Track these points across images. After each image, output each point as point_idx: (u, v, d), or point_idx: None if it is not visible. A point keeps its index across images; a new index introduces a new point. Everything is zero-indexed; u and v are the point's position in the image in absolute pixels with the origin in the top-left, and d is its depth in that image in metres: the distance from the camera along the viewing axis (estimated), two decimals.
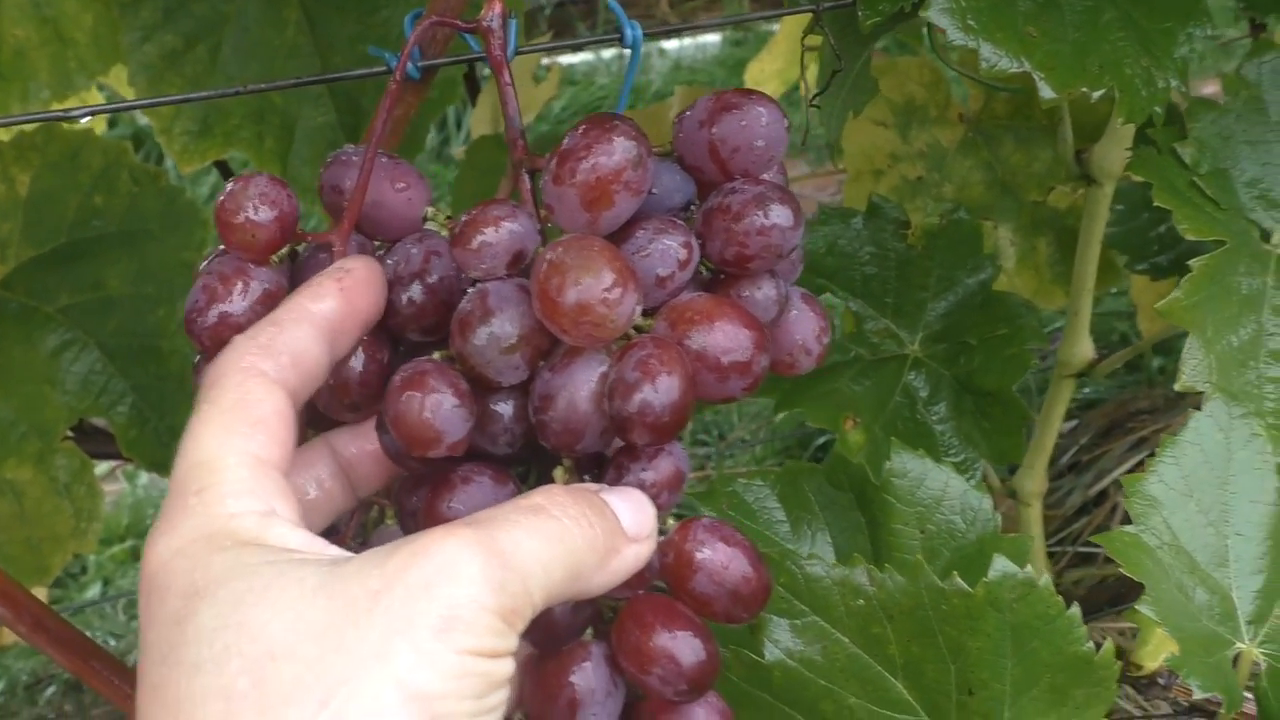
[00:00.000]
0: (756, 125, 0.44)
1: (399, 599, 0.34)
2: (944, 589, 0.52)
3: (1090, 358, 0.81)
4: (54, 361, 0.90)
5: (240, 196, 0.45)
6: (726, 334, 0.41)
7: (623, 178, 0.41)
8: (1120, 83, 0.57)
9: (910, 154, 1.07)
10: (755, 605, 0.43)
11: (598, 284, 0.39)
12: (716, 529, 0.44)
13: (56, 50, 0.89)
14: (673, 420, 0.40)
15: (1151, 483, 0.58)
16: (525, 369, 0.42)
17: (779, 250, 0.43)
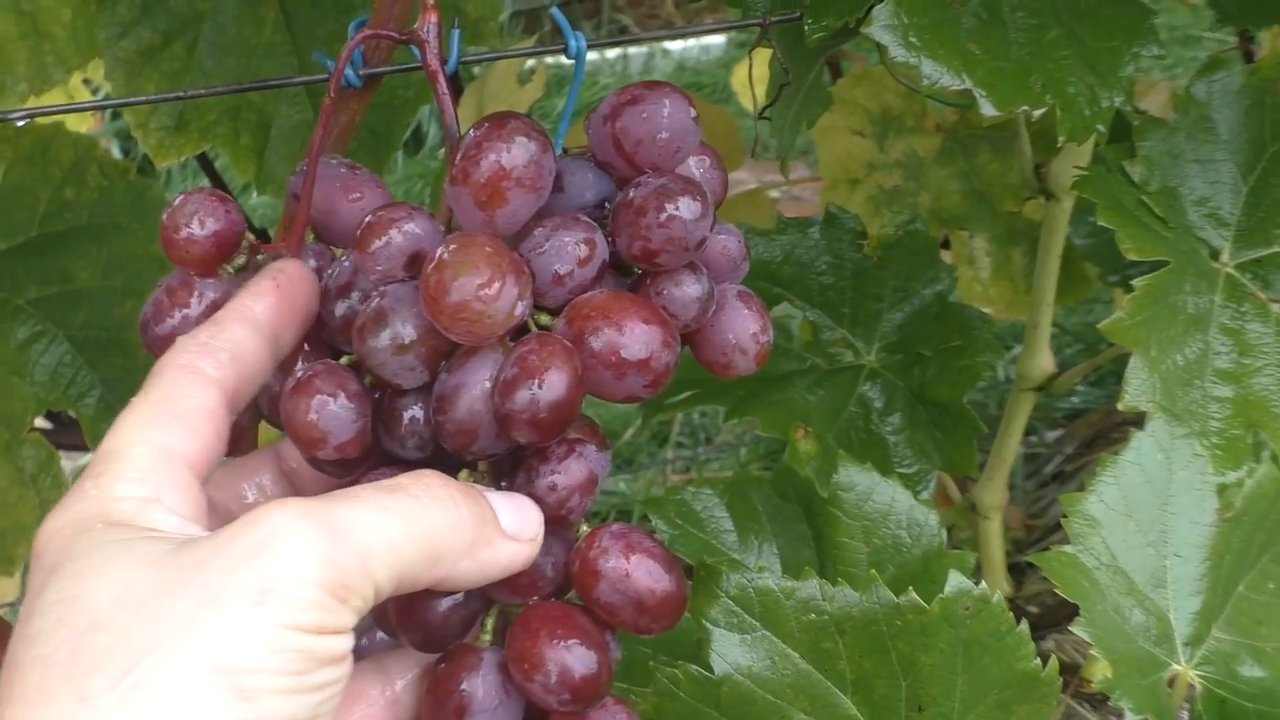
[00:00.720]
0: (658, 117, 0.43)
1: (218, 569, 0.34)
2: (899, 604, 0.52)
3: (1050, 371, 0.81)
4: (23, 353, 0.91)
5: (179, 213, 0.47)
6: (625, 330, 0.41)
7: (514, 175, 0.40)
8: (1062, 101, 0.57)
9: (887, 163, 1.07)
10: (664, 616, 0.43)
11: (473, 280, 0.39)
12: (623, 536, 0.43)
13: (34, 44, 0.90)
14: (553, 417, 0.39)
15: (1091, 502, 0.58)
16: (422, 369, 0.42)
17: (684, 243, 0.42)
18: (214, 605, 0.33)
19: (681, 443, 1.85)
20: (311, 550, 0.34)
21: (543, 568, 0.43)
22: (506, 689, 0.42)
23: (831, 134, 1.07)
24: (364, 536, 0.36)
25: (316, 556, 0.34)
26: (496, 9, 0.94)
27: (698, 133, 0.45)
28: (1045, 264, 0.79)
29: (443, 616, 0.41)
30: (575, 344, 0.41)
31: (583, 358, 0.41)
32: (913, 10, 0.57)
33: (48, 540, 0.37)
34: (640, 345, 0.41)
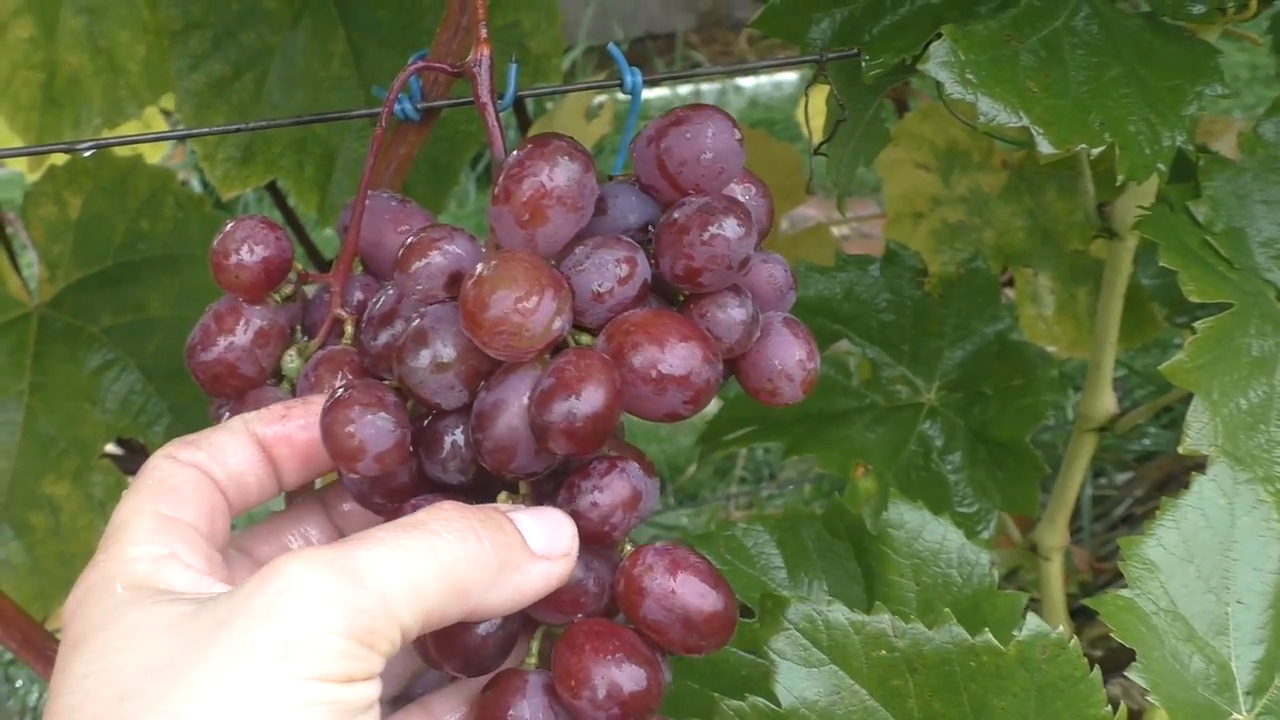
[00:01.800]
0: (703, 137, 0.44)
1: (239, 627, 0.34)
2: (974, 644, 0.50)
3: (1112, 411, 0.80)
4: (95, 380, 0.93)
5: (229, 239, 0.48)
6: (665, 345, 0.41)
7: (555, 194, 0.41)
8: (1122, 139, 0.57)
9: (951, 198, 1.06)
10: (713, 633, 0.42)
11: (512, 294, 0.39)
12: (667, 553, 0.42)
13: (109, 79, 0.92)
14: (590, 428, 0.39)
15: (1150, 546, 0.57)
16: (462, 389, 0.42)
17: (727, 261, 0.42)
18: (240, 664, 0.33)
19: (744, 478, 1.84)
20: (331, 599, 0.34)
21: (585, 584, 0.42)
22: (554, 709, 0.42)
23: (897, 169, 1.06)
24: (385, 579, 0.35)
25: (338, 605, 0.34)
26: (559, 47, 0.95)
27: (741, 155, 0.45)
28: (1108, 303, 0.78)
29: (480, 641, 0.41)
30: (615, 360, 0.41)
31: (622, 374, 0.41)
32: (970, 47, 0.57)
33: (71, 614, 0.37)
34: (680, 361, 0.41)
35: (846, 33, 0.63)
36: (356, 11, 0.92)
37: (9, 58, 0.88)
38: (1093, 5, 0.60)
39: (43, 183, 0.93)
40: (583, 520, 0.42)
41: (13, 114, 0.90)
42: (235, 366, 0.47)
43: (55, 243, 0.94)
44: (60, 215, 0.94)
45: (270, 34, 0.91)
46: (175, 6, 0.88)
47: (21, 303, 0.93)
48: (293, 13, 0.92)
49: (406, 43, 0.93)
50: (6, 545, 0.88)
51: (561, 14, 0.95)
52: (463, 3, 0.56)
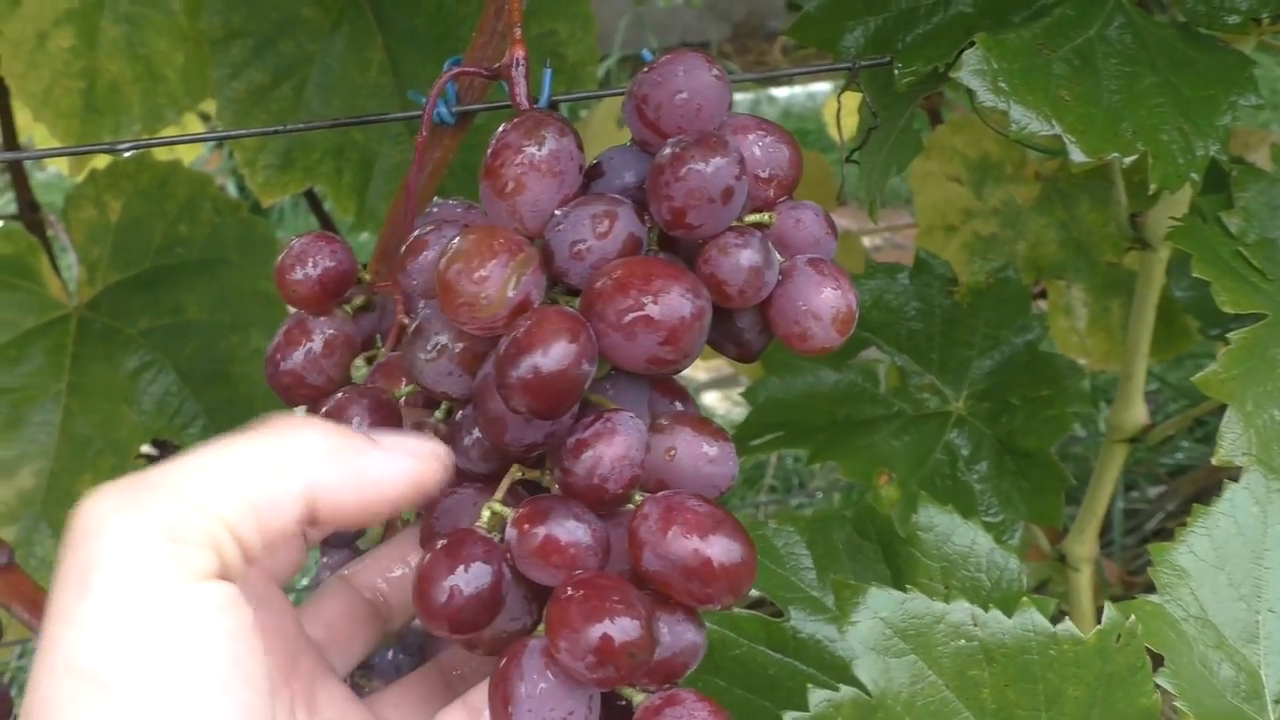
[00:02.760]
0: (673, 78, 0.42)
1: (57, 584, 0.34)
2: (1055, 633, 0.49)
3: (1143, 422, 0.80)
4: (132, 382, 0.94)
5: (290, 255, 0.49)
6: (628, 288, 0.39)
7: (531, 162, 0.40)
8: (1155, 148, 0.57)
9: (984, 210, 1.06)
10: (716, 581, 0.39)
11: (463, 266, 0.39)
12: (663, 500, 0.40)
13: (148, 86, 0.93)
14: (545, 383, 0.38)
15: (1180, 553, 0.57)
16: (461, 374, 0.42)
17: (706, 193, 0.40)
18: (64, 618, 0.33)
19: (774, 486, 1.84)
20: (126, 519, 0.34)
21: (576, 540, 0.39)
22: (550, 670, 0.39)
23: (929, 180, 1.07)
24: (178, 481, 0.35)
25: (137, 520, 0.34)
26: (594, 55, 0.96)
27: (722, 90, 0.43)
28: (1140, 315, 0.78)
29: (459, 600, 0.39)
30: (586, 314, 0.40)
31: (595, 326, 0.39)
32: (1002, 56, 0.57)
33: None
34: (650, 300, 0.39)
35: (880, 41, 0.63)
36: (393, 19, 0.93)
37: (50, 67, 0.89)
38: (1126, 15, 0.60)
39: (84, 186, 0.94)
40: (572, 480, 0.40)
41: (54, 121, 0.91)
42: (303, 377, 0.49)
43: (95, 245, 0.95)
44: (100, 218, 0.95)
45: (309, 42, 0.92)
46: (216, 15, 0.89)
47: (61, 304, 0.94)
48: (331, 21, 0.93)
49: (443, 50, 0.94)
50: (44, 543, 0.89)
51: (597, 23, 0.96)
52: (498, 8, 0.56)
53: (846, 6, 0.65)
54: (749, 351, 0.46)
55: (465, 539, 0.40)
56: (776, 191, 0.45)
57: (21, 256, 0.94)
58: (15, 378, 0.91)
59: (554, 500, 0.41)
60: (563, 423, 0.41)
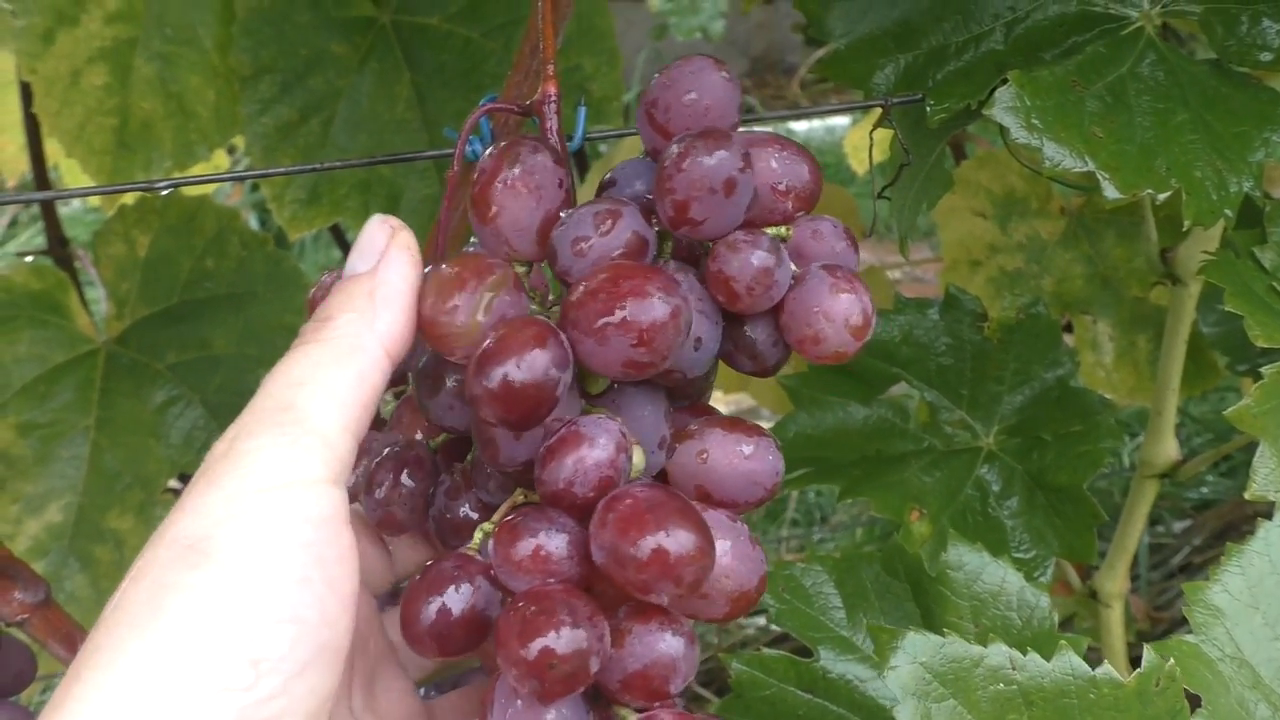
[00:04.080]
0: (683, 80, 0.43)
1: (184, 493, 0.38)
2: (1094, 676, 0.49)
3: (1174, 458, 0.79)
4: (160, 416, 0.94)
5: (324, 291, 0.49)
6: (600, 291, 0.38)
7: (506, 182, 0.41)
8: (1188, 185, 0.57)
9: (1009, 245, 1.06)
10: (650, 569, 0.37)
11: (434, 298, 0.40)
12: (615, 494, 0.39)
13: (180, 123, 0.94)
14: (514, 393, 0.37)
15: (1215, 592, 0.56)
16: (460, 407, 0.43)
17: (707, 184, 0.40)
18: (180, 507, 0.37)
19: (796, 520, 1.84)
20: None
21: (547, 546, 0.39)
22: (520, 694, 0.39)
23: (954, 215, 1.07)
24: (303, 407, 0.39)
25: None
26: (619, 90, 0.96)
27: (731, 92, 0.43)
28: (1170, 349, 0.77)
29: (447, 621, 0.41)
30: (564, 322, 0.39)
31: (570, 334, 0.39)
32: (1035, 93, 0.57)
33: None
34: (623, 301, 0.38)
35: (910, 78, 0.64)
36: (421, 56, 0.94)
37: (84, 104, 0.90)
38: (1158, 52, 0.60)
39: (113, 221, 0.95)
40: (546, 490, 0.40)
41: (86, 158, 0.92)
42: None
43: (123, 280, 0.96)
44: (129, 253, 0.95)
45: (337, 78, 0.93)
46: (246, 52, 0.90)
47: (89, 339, 0.95)
48: (359, 58, 0.93)
49: (470, 86, 0.94)
50: (73, 578, 0.89)
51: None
52: (533, 47, 0.56)
53: (877, 44, 0.65)
54: (764, 365, 0.45)
55: (443, 561, 0.41)
56: (795, 205, 0.44)
57: (51, 293, 0.94)
58: (44, 413, 0.91)
59: (532, 511, 0.40)
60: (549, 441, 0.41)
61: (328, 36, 0.93)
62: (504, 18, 0.94)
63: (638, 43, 3.21)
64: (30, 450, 0.90)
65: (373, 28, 0.94)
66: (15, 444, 0.90)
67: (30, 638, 0.53)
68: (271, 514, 0.36)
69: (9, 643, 0.55)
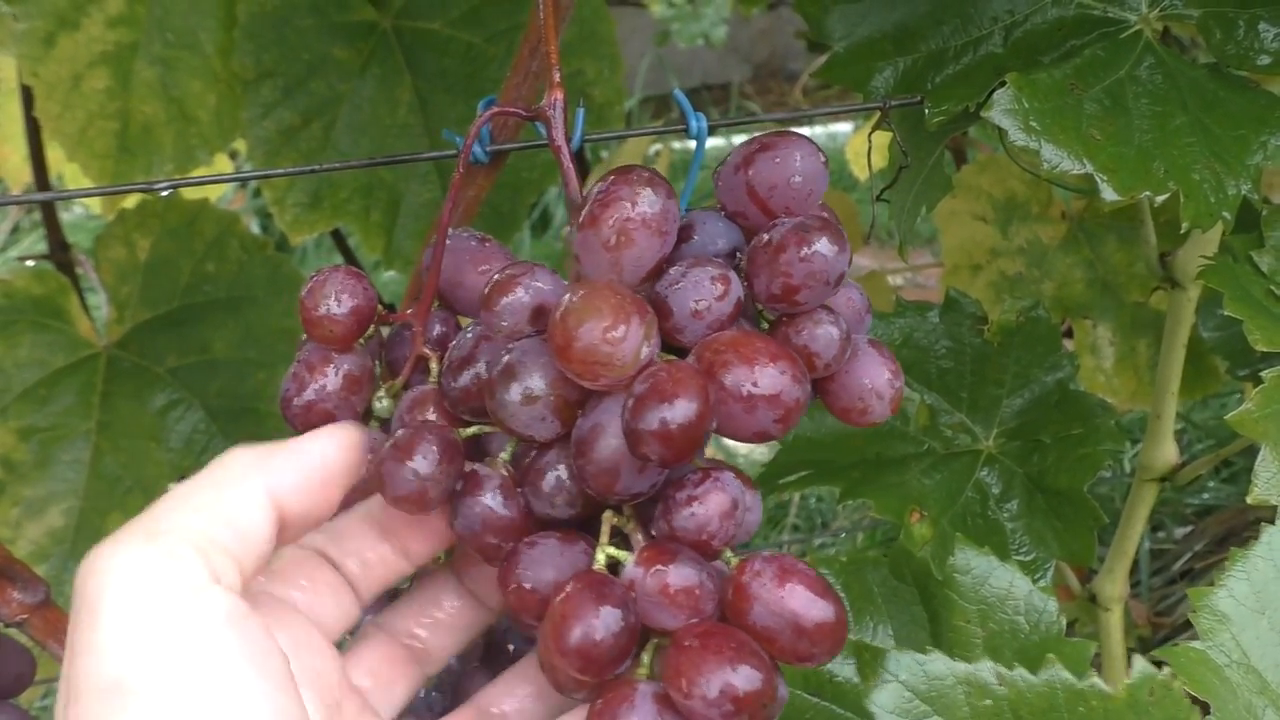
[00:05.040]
0: (791, 162, 0.44)
1: (71, 626, 0.38)
2: (1082, 688, 0.50)
3: (1173, 462, 0.79)
4: (160, 420, 0.94)
5: (319, 292, 0.48)
6: (755, 364, 0.41)
7: (641, 217, 0.41)
8: (1186, 187, 0.57)
9: (1010, 250, 1.06)
10: (823, 639, 0.41)
11: (599, 324, 0.39)
12: (775, 560, 0.42)
13: (181, 127, 0.94)
14: (682, 434, 0.39)
15: (1220, 598, 0.56)
16: (552, 419, 0.42)
17: (824, 277, 0.43)
18: (83, 649, 0.36)
19: (797, 526, 1.84)
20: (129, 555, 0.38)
21: (701, 582, 0.41)
22: (663, 716, 0.41)
23: (955, 219, 1.07)
24: (160, 517, 0.39)
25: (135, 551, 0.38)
26: (621, 95, 0.96)
27: (826, 178, 0.45)
28: (1169, 353, 0.77)
29: (596, 643, 0.41)
30: (709, 380, 0.41)
31: (713, 392, 0.41)
32: (1034, 95, 0.57)
33: None
34: (770, 380, 0.41)
35: (909, 81, 0.64)
36: (423, 60, 0.94)
37: (85, 108, 0.90)
38: (1156, 55, 0.61)
39: (113, 225, 0.95)
40: (679, 531, 0.42)
41: (87, 162, 0.92)
42: (332, 414, 0.48)
43: (124, 284, 0.96)
44: (129, 257, 0.96)
45: (339, 83, 0.93)
46: (248, 56, 0.90)
47: (90, 343, 0.95)
48: (361, 62, 0.94)
49: (472, 90, 0.94)
50: (73, 583, 0.89)
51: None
52: (532, 49, 0.57)
53: (876, 48, 0.65)
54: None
55: (601, 582, 0.42)
56: None
57: (52, 297, 0.94)
58: (45, 417, 0.91)
59: (674, 545, 0.42)
60: (661, 478, 0.43)
61: (329, 41, 0.93)
62: (506, 23, 0.94)
63: (640, 48, 3.21)
64: (31, 454, 0.90)
65: (374, 32, 0.94)
66: (16, 448, 0.90)
67: (30, 639, 0.53)
68: (183, 633, 0.36)
69: (8, 644, 0.55)
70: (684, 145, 3.06)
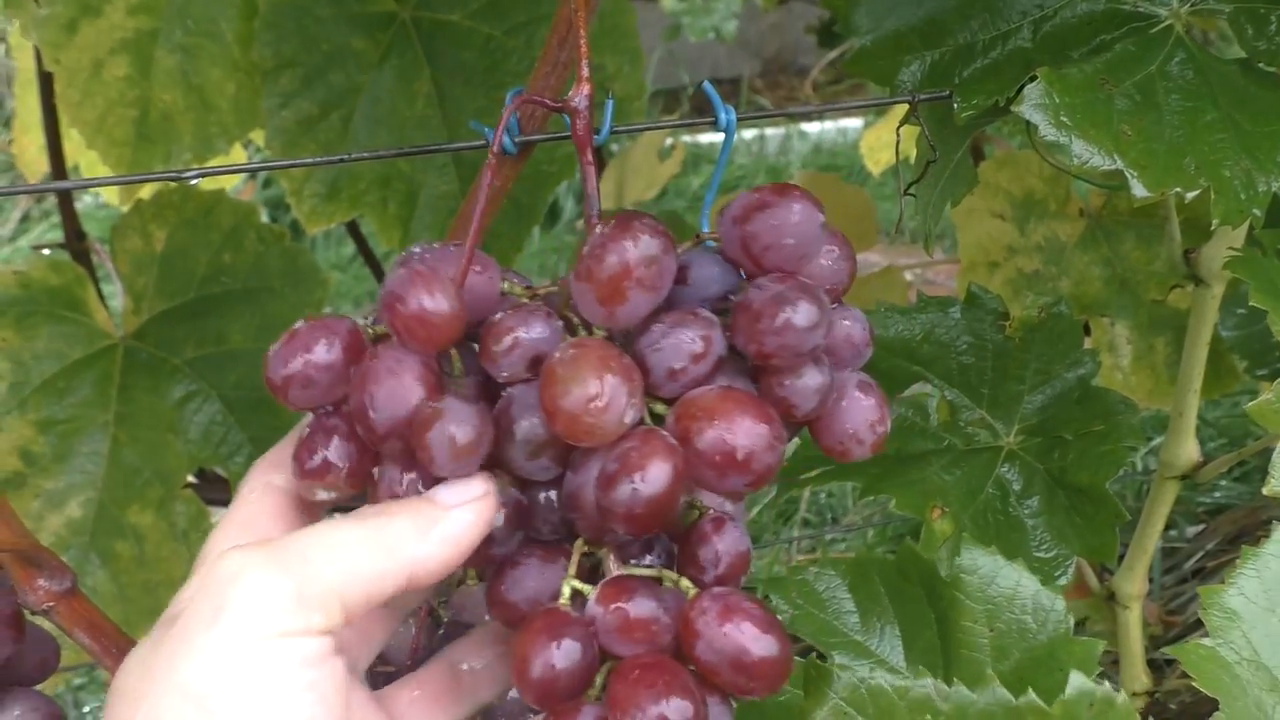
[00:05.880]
0: (787, 223, 0.45)
1: (186, 616, 0.38)
2: (1017, 705, 0.49)
3: (1195, 460, 0.79)
4: (178, 411, 0.94)
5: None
6: (729, 429, 0.42)
7: (635, 275, 0.42)
8: (1217, 183, 0.57)
9: (1027, 247, 1.06)
10: (762, 676, 0.43)
11: (583, 393, 0.41)
12: (723, 597, 0.44)
13: (200, 116, 0.94)
14: (649, 511, 0.41)
15: (1231, 595, 0.56)
16: (554, 467, 0.44)
17: (796, 349, 0.44)
18: (184, 640, 0.37)
19: (808, 521, 1.84)
20: (266, 580, 0.39)
21: (657, 617, 0.44)
22: None
23: (972, 216, 1.06)
24: (305, 546, 0.40)
25: (268, 573, 0.39)
26: (642, 90, 0.96)
27: (823, 238, 0.46)
28: (1192, 351, 0.77)
29: (555, 672, 0.43)
30: (681, 440, 0.43)
31: (687, 455, 0.42)
32: (1064, 90, 0.57)
33: None
34: (744, 444, 0.42)
35: (937, 75, 0.64)
36: (442, 52, 0.94)
37: (105, 95, 0.90)
38: (1187, 50, 0.60)
39: (129, 216, 0.95)
40: (701, 574, 0.45)
41: (106, 149, 0.92)
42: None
43: (140, 275, 0.96)
44: (146, 248, 0.95)
45: (358, 74, 0.93)
46: (268, 46, 0.90)
47: (107, 335, 0.95)
48: (380, 53, 0.93)
49: (491, 83, 0.94)
50: (94, 574, 0.89)
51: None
52: (560, 39, 0.57)
53: (903, 41, 0.65)
54: None
55: (558, 619, 0.44)
56: (830, 300, 0.47)
57: (69, 288, 0.94)
58: (63, 409, 0.91)
59: (633, 580, 0.44)
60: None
61: (349, 31, 0.93)
62: (525, 15, 0.93)
63: (650, 43, 3.21)
64: (50, 446, 0.90)
65: (393, 23, 0.94)
66: (35, 440, 0.90)
67: (56, 626, 0.53)
68: (275, 676, 0.37)
69: (33, 632, 0.55)
70: (693, 139, 3.06)
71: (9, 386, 0.90)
